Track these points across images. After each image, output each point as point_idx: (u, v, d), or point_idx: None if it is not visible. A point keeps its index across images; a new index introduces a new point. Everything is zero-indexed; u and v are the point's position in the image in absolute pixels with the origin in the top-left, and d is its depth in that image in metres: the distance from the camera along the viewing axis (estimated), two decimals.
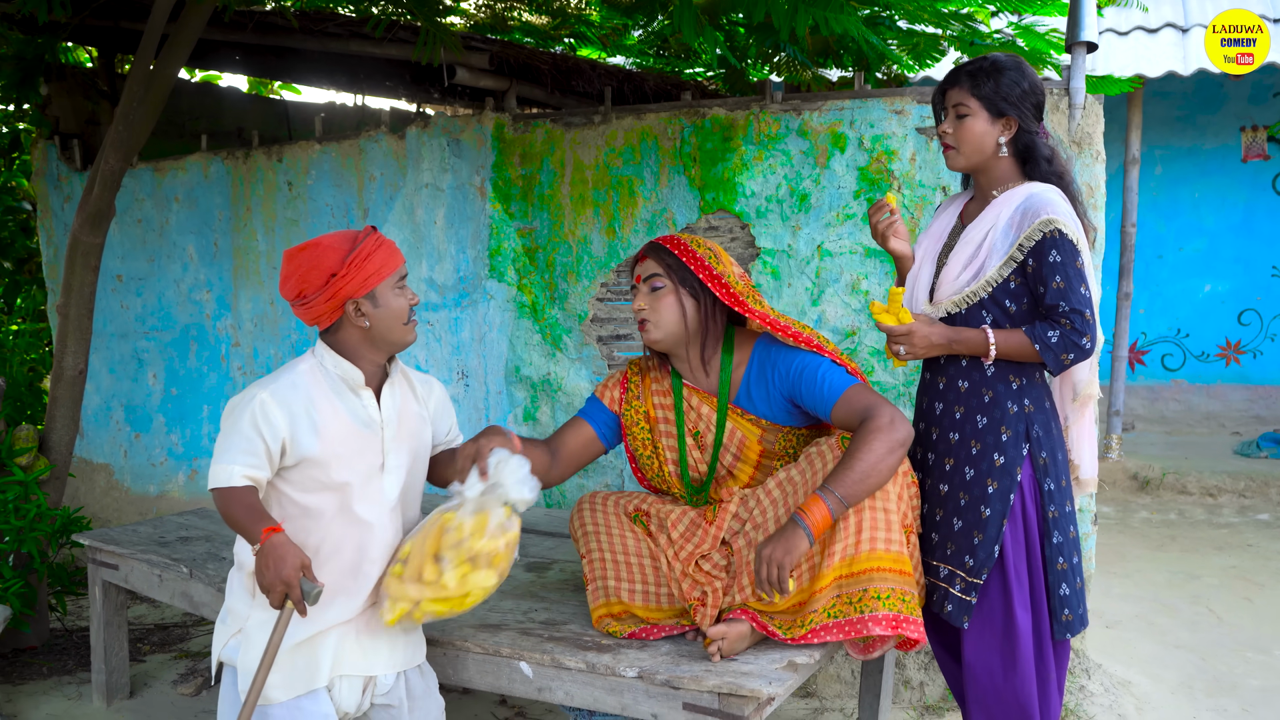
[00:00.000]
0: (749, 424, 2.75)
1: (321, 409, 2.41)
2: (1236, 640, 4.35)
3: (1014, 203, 2.60)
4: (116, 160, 4.11)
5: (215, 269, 5.31)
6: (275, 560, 2.20)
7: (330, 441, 2.40)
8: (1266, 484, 6.70)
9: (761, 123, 3.92)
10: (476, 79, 4.42)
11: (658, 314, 2.70)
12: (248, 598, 2.48)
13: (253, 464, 2.32)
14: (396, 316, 2.45)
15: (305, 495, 2.43)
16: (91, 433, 5.81)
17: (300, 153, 4.95)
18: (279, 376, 2.42)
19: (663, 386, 2.87)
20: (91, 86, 6.04)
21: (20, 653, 4.28)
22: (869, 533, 2.44)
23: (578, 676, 2.58)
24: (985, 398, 2.65)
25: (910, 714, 3.69)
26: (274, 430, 2.34)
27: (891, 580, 2.42)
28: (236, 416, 2.34)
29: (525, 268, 4.36)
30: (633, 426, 2.90)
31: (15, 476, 4.05)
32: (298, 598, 2.21)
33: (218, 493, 2.31)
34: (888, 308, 2.64)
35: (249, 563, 2.43)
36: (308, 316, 2.44)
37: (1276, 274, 8.24)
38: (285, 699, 2.40)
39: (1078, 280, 2.52)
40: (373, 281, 2.40)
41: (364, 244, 2.39)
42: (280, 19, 4.78)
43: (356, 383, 2.47)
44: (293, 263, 2.40)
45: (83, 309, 4.29)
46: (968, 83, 2.63)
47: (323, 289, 2.37)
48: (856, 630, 2.40)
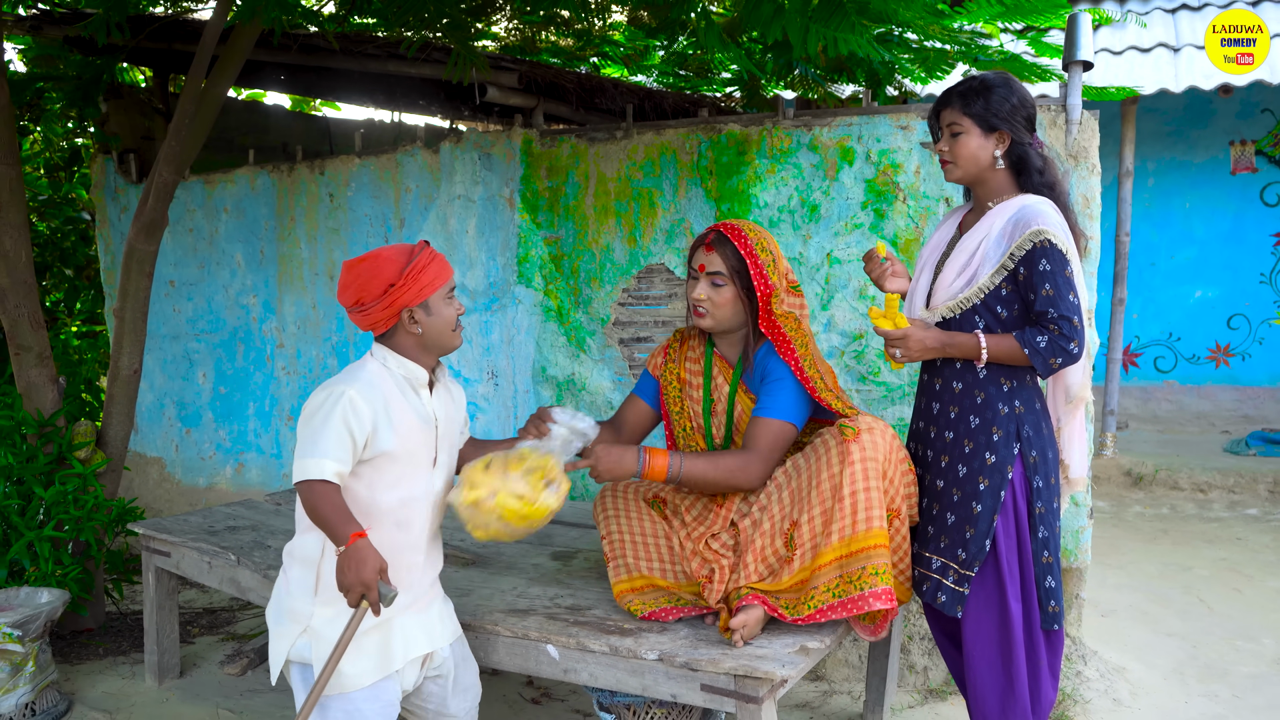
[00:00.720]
0: (749, 400, 2.84)
1: (395, 406, 2.43)
2: (1227, 629, 4.31)
3: (1007, 214, 2.60)
4: (170, 173, 4.14)
5: (261, 275, 5.34)
6: (358, 563, 2.22)
7: (402, 437, 2.43)
8: (1255, 480, 6.64)
9: (774, 138, 3.91)
10: (506, 97, 4.42)
11: (716, 306, 2.76)
12: (309, 596, 2.46)
13: (341, 459, 2.32)
14: (447, 324, 2.49)
15: (377, 491, 2.44)
16: (145, 428, 5.85)
17: (341, 166, 4.97)
18: (356, 375, 2.43)
19: (695, 354, 2.96)
20: (147, 104, 6.08)
21: (78, 634, 4.31)
22: (864, 512, 2.53)
23: (601, 659, 2.58)
24: (978, 399, 2.66)
25: (915, 697, 3.68)
26: (361, 425, 2.35)
27: (883, 555, 2.52)
28: (327, 412, 2.33)
29: (551, 274, 4.36)
30: (668, 388, 2.99)
31: (75, 469, 4.09)
32: (375, 600, 2.23)
33: (307, 486, 2.30)
34: (885, 313, 2.66)
35: (313, 557, 2.45)
36: (364, 322, 2.47)
37: (1264, 281, 8.17)
38: (366, 684, 2.43)
39: (1066, 288, 2.52)
40: (426, 292, 2.44)
41: (419, 257, 2.44)
42: (322, 41, 4.81)
43: (420, 382, 2.51)
44: (352, 272, 2.44)
45: (138, 312, 4.32)
46: (959, 103, 2.65)
47: (381, 298, 2.41)
48: (859, 607, 2.48)
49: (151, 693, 3.80)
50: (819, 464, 2.62)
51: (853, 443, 2.56)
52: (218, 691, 3.79)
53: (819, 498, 2.59)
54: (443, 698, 2.65)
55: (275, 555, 3.37)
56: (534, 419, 2.66)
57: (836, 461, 2.57)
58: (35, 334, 4.13)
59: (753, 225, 2.82)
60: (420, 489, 2.52)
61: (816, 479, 2.61)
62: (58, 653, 4.07)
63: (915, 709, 3.60)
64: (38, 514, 3.96)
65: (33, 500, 3.98)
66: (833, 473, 2.57)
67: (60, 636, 4.24)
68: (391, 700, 2.49)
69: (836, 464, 2.57)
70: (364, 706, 2.43)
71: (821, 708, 3.62)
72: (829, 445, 2.62)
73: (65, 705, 3.61)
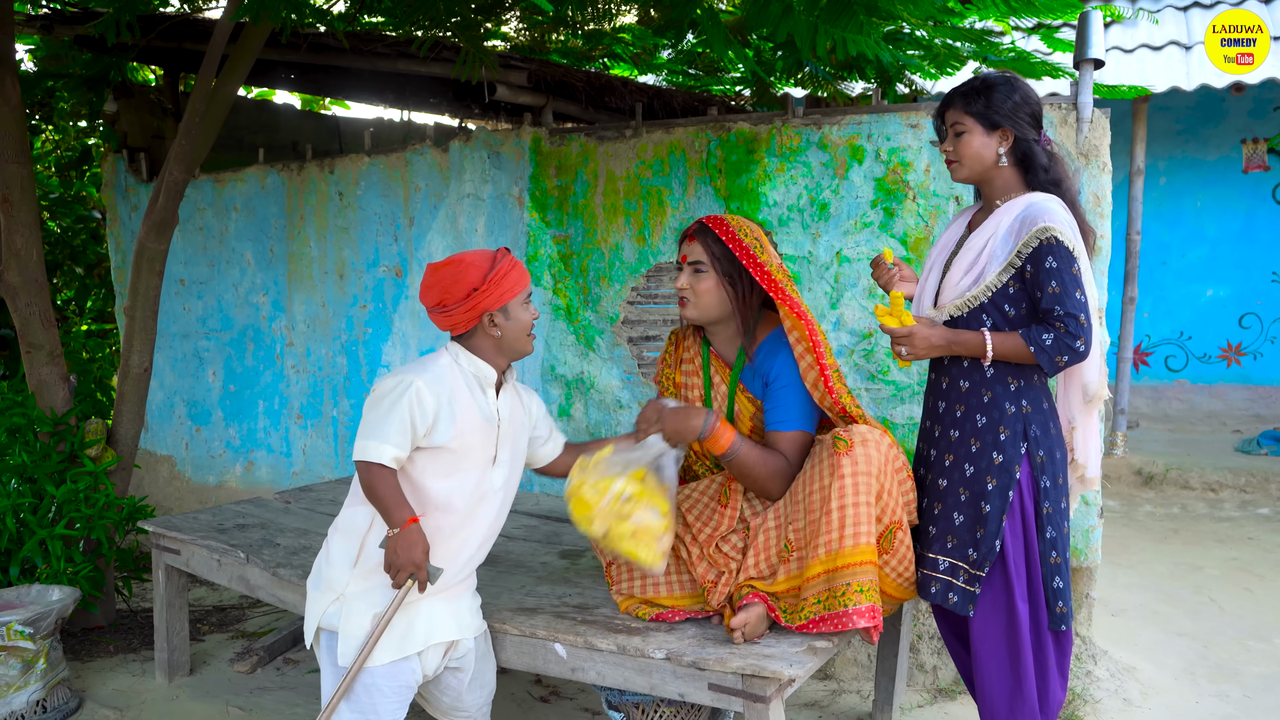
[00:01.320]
0: (747, 401, 2.82)
1: (459, 401, 2.51)
2: (1238, 629, 4.29)
3: (1014, 212, 2.61)
4: (180, 172, 4.15)
5: (271, 274, 5.35)
6: (408, 545, 2.38)
7: (462, 431, 2.51)
8: (1267, 480, 6.61)
9: (783, 136, 3.91)
10: (515, 96, 4.43)
11: (697, 295, 2.77)
12: (349, 566, 2.55)
13: (401, 444, 2.42)
14: (524, 329, 2.59)
15: (427, 478, 2.51)
16: (155, 426, 5.87)
17: (350, 165, 4.98)
18: (426, 367, 2.52)
19: (690, 355, 2.95)
20: (157, 104, 6.10)
21: (89, 632, 4.32)
22: (851, 528, 2.50)
23: (609, 658, 2.59)
24: (984, 398, 2.65)
25: (924, 696, 3.67)
26: (425, 415, 2.44)
27: (869, 573, 2.50)
28: (394, 399, 2.43)
29: (560, 273, 4.36)
30: (665, 394, 3.00)
31: (85, 467, 4.10)
32: (423, 579, 2.39)
33: (366, 466, 2.42)
34: (890, 311, 2.65)
35: (360, 528, 2.55)
36: (445, 323, 2.56)
37: (1276, 280, 8.14)
38: (387, 661, 2.50)
39: (1073, 285, 2.51)
40: (507, 297, 2.54)
41: (501, 264, 2.53)
42: (332, 40, 4.81)
43: (489, 381, 2.59)
44: (436, 275, 2.53)
45: (148, 311, 4.34)
46: (961, 103, 2.68)
47: (464, 300, 2.50)
48: (841, 624, 2.48)
49: (161, 690, 3.81)
50: (811, 474, 2.61)
51: (844, 455, 2.53)
52: (227, 689, 3.81)
53: (807, 508, 2.59)
54: (459, 690, 2.69)
55: (284, 553, 3.38)
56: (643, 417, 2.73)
57: (827, 474, 2.55)
58: (46, 332, 4.15)
59: (736, 216, 2.84)
60: (471, 482, 2.57)
61: (808, 489, 2.60)
62: (69, 650, 4.08)
63: (925, 708, 3.59)
64: (49, 512, 3.98)
65: (45, 498, 4.00)
66: (823, 484, 2.56)
67: (71, 634, 4.25)
68: (409, 683, 2.55)
69: (826, 476, 2.55)
70: (381, 683, 2.50)
71: (830, 707, 3.61)
72: (821, 457, 2.61)
73: (76, 702, 3.63)
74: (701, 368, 2.91)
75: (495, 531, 2.72)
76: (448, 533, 2.55)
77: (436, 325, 2.61)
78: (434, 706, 2.76)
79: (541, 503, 4.16)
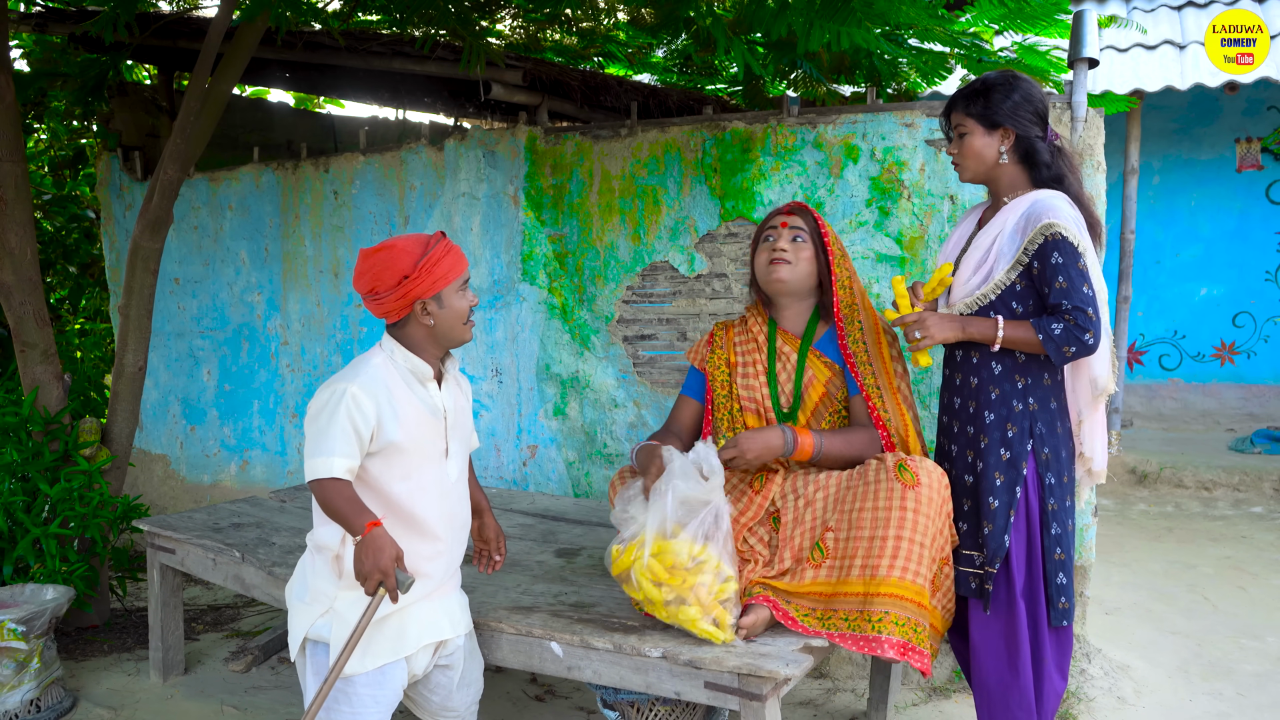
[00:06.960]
0: (823, 366, 2.88)
1: (399, 398, 2.45)
2: (1231, 627, 4.30)
3: (1020, 209, 2.64)
4: (174, 171, 4.14)
5: (266, 273, 5.34)
6: (374, 551, 2.27)
7: (409, 427, 2.45)
8: (1260, 478, 6.63)
9: (779, 135, 3.91)
10: (510, 94, 4.42)
11: (796, 257, 2.87)
12: (333, 578, 2.49)
13: (349, 454, 2.35)
14: (458, 316, 2.51)
15: (386, 483, 2.46)
16: (150, 425, 5.86)
17: (345, 164, 4.97)
18: (359, 370, 2.45)
19: (746, 336, 3.01)
20: (151, 102, 6.09)
21: (83, 631, 4.32)
22: (902, 560, 2.47)
23: (605, 656, 2.58)
24: (992, 395, 2.68)
25: (918, 694, 3.67)
26: (366, 420, 2.37)
27: (910, 610, 2.45)
28: (331, 410, 2.36)
29: (556, 272, 4.36)
30: (715, 373, 3.02)
31: (80, 466, 4.09)
32: (392, 586, 2.28)
33: (319, 484, 2.34)
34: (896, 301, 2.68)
35: (333, 546, 2.47)
36: (378, 310, 2.49)
37: (1270, 279, 8.15)
38: (371, 668, 2.45)
39: (1080, 280, 2.53)
40: (440, 284, 2.46)
41: (435, 249, 2.45)
42: (327, 38, 4.80)
43: (425, 375, 2.53)
44: (368, 261, 2.45)
45: (142, 310, 4.33)
46: (961, 105, 2.72)
47: (395, 288, 2.43)
48: (870, 648, 2.43)
49: (156, 689, 3.81)
50: (864, 490, 2.58)
51: (910, 489, 2.51)
52: (222, 688, 3.80)
53: (854, 523, 2.56)
54: (448, 689, 2.67)
55: (280, 552, 3.38)
56: (653, 472, 2.62)
57: (883, 498, 2.53)
58: (40, 331, 4.14)
59: None
60: (431, 479, 2.53)
61: (858, 504, 2.57)
62: (63, 649, 4.08)
63: (919, 706, 3.60)
64: (43, 511, 3.97)
65: (38, 497, 3.99)
66: (876, 506, 2.53)
67: (65, 633, 4.25)
68: (395, 687, 2.51)
69: (883, 499, 2.53)
70: (362, 691, 2.45)
71: (825, 705, 3.62)
72: (880, 478, 2.57)
73: (70, 702, 3.62)
74: (766, 341, 2.95)
75: (466, 525, 2.69)
76: (418, 534, 2.51)
77: (372, 314, 2.53)
78: (422, 708, 2.73)
79: (537, 501, 4.16)
